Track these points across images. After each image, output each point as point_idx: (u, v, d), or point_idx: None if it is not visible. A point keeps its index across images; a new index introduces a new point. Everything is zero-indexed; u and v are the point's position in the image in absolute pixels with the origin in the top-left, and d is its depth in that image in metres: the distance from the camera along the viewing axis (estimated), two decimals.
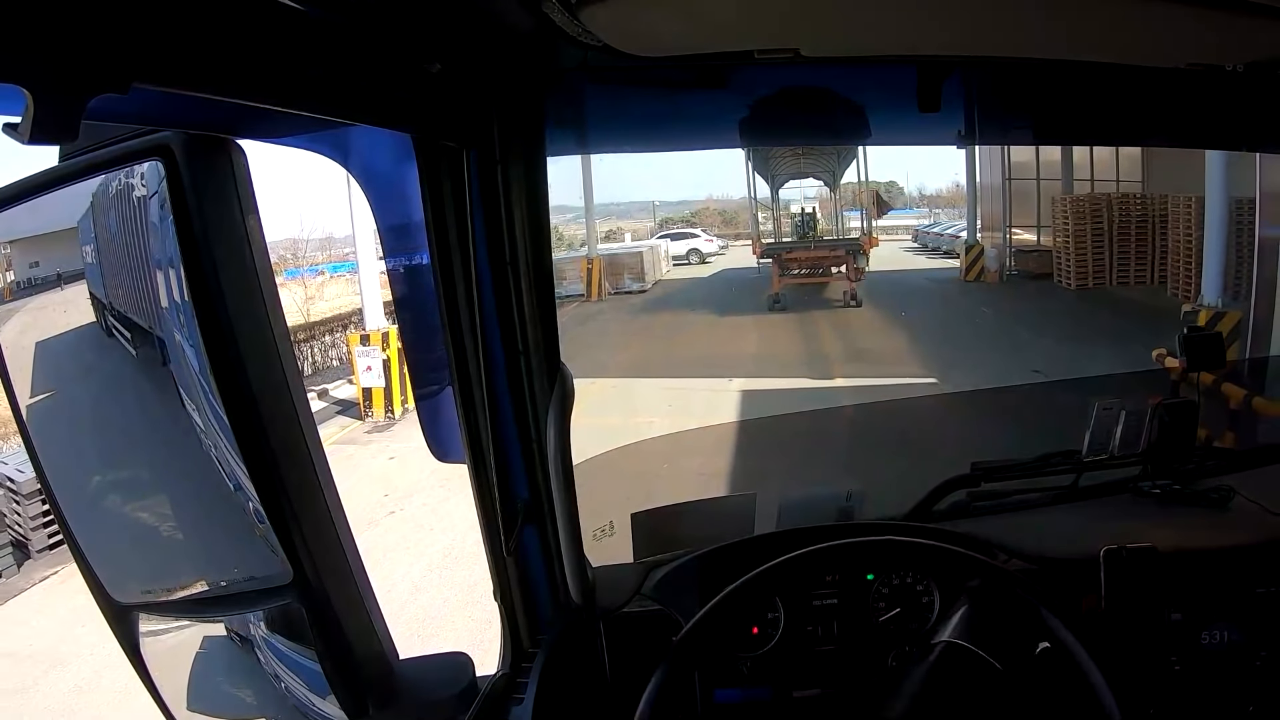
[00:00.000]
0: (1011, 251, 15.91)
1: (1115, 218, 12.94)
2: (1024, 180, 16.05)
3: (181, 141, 0.71)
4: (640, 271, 16.36)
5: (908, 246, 22.89)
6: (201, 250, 0.72)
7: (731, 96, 1.11)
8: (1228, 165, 6.99)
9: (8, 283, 0.91)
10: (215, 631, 1.00)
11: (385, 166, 0.96)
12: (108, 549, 0.93)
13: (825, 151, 15.67)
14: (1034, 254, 15.27)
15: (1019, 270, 15.30)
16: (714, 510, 1.45)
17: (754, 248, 15.26)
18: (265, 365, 0.77)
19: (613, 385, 7.83)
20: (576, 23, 0.77)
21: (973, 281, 15.26)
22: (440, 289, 0.96)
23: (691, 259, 21.95)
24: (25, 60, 0.42)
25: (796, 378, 8.22)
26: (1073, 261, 13.44)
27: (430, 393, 1.08)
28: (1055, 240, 14.51)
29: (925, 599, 1.11)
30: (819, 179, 19.64)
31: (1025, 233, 16.27)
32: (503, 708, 1.07)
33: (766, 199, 21.19)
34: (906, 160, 21.55)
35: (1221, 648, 1.15)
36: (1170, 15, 0.81)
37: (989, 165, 16.96)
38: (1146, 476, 1.40)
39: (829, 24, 0.89)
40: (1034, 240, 15.83)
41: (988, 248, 15.91)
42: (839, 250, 14.22)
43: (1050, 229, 14.93)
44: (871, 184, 17.71)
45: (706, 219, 26.49)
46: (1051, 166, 15.80)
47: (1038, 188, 15.84)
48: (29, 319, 0.90)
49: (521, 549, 1.11)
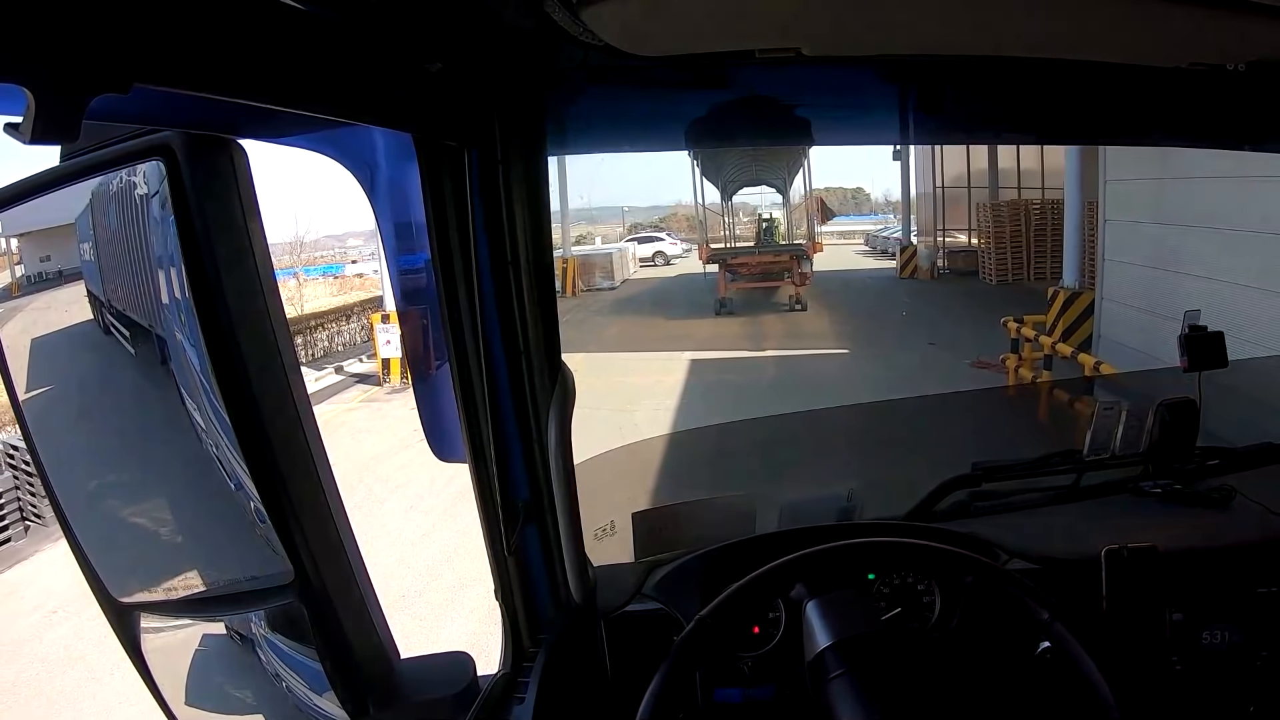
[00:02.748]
0: (945, 252, 18.29)
1: (1031, 221, 14.91)
2: (959, 189, 18.55)
3: (182, 141, 0.71)
4: (610, 271, 18.30)
5: (860, 249, 26.02)
6: (203, 250, 0.72)
7: (732, 96, 1.11)
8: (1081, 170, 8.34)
9: (16, 278, 0.91)
10: (216, 630, 1.00)
11: (386, 166, 0.96)
12: (109, 548, 0.93)
13: (778, 157, 15.99)
14: (963, 254, 17.67)
15: (950, 268, 17.63)
16: (715, 510, 1.45)
17: (700, 253, 15.57)
18: (266, 365, 0.77)
19: (590, 358, 9.79)
20: (578, 22, 0.77)
21: (907, 278, 17.38)
22: (441, 288, 0.96)
23: (657, 261, 24.22)
24: (27, 60, 0.42)
25: (737, 350, 10.44)
26: (993, 260, 15.58)
27: (431, 391, 1.08)
28: (979, 241, 16.75)
29: (926, 599, 1.11)
30: (772, 185, 20.09)
31: (961, 235, 18.53)
32: (503, 707, 1.07)
33: (737, 205, 21.83)
34: (874, 166, 22.69)
35: (1222, 648, 1.15)
36: (1173, 15, 0.81)
37: (925, 174, 19.73)
38: (1147, 476, 1.40)
39: (830, 24, 0.89)
40: (965, 241, 18.07)
41: (921, 248, 18.36)
42: (783, 256, 14.72)
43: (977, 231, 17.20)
44: (835, 189, 18.58)
45: (674, 224, 27.52)
46: (981, 175, 18.20)
47: (968, 195, 18.17)
48: (32, 318, 0.90)
49: (522, 548, 1.11)
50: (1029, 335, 7.59)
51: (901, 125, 1.38)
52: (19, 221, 0.88)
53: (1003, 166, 17.37)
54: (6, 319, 0.90)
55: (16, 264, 0.91)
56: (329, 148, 0.94)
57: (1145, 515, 1.34)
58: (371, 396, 9.76)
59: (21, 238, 0.91)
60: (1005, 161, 17.09)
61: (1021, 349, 7.73)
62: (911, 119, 1.28)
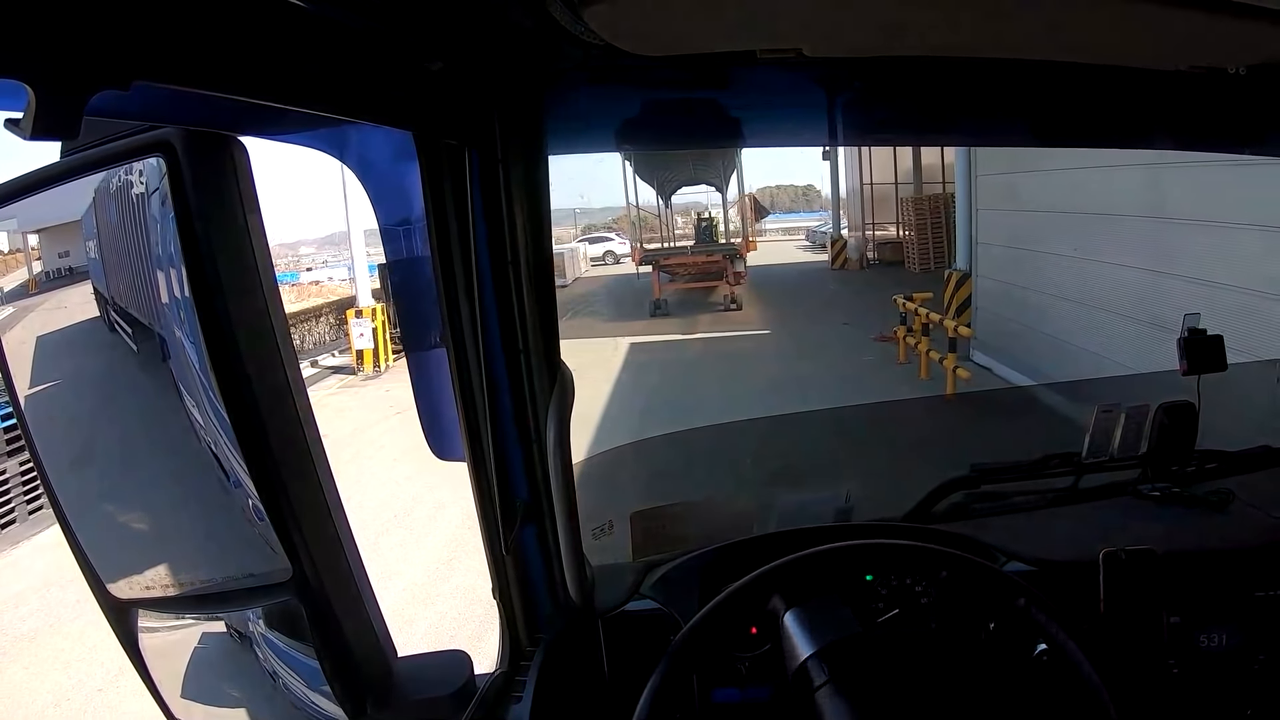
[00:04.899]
0: (875, 244, 20.07)
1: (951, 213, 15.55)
2: (888, 185, 20.25)
3: (183, 138, 0.71)
4: (563, 269, 19.32)
5: (803, 245, 28.77)
6: (202, 247, 0.72)
7: (733, 96, 1.11)
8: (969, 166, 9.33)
9: (34, 274, 0.90)
10: (214, 628, 1.00)
11: (386, 165, 0.96)
12: (107, 545, 0.93)
13: (714, 157, 16.05)
14: (890, 245, 19.22)
15: (879, 259, 19.28)
16: (713, 510, 1.45)
17: (633, 255, 15.64)
18: (266, 362, 0.77)
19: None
20: (579, 21, 0.77)
21: (838, 269, 18.98)
22: (441, 287, 0.96)
23: (607, 259, 25.76)
24: (27, 56, 0.42)
25: (670, 335, 11.92)
26: (916, 250, 17.17)
27: (430, 391, 1.07)
28: (904, 233, 18.27)
29: (924, 600, 1.11)
30: (711, 184, 20.26)
31: (891, 228, 19.98)
32: (501, 706, 1.07)
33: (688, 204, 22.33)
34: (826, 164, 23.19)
35: (1220, 651, 1.15)
36: (1172, 18, 0.81)
37: (854, 172, 21.38)
38: (1146, 479, 1.40)
39: (832, 24, 0.89)
40: (894, 234, 19.50)
41: (851, 241, 20.10)
42: (716, 256, 14.78)
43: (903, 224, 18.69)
44: (786, 186, 19.22)
45: (624, 225, 28.16)
46: (908, 172, 19.68)
47: (895, 191, 19.75)
48: (42, 319, 0.89)
49: (520, 548, 1.11)
50: (911, 309, 8.87)
51: (903, 126, 1.38)
52: (39, 217, 0.87)
53: (927, 163, 18.60)
54: (17, 320, 0.89)
55: (36, 260, 0.90)
56: (329, 145, 0.94)
57: (1143, 518, 1.34)
58: (348, 384, 10.94)
59: (41, 233, 0.90)
60: (929, 158, 18.27)
61: (911, 321, 8.85)
62: (913, 120, 1.28)
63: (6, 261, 0.94)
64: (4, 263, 0.95)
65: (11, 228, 0.89)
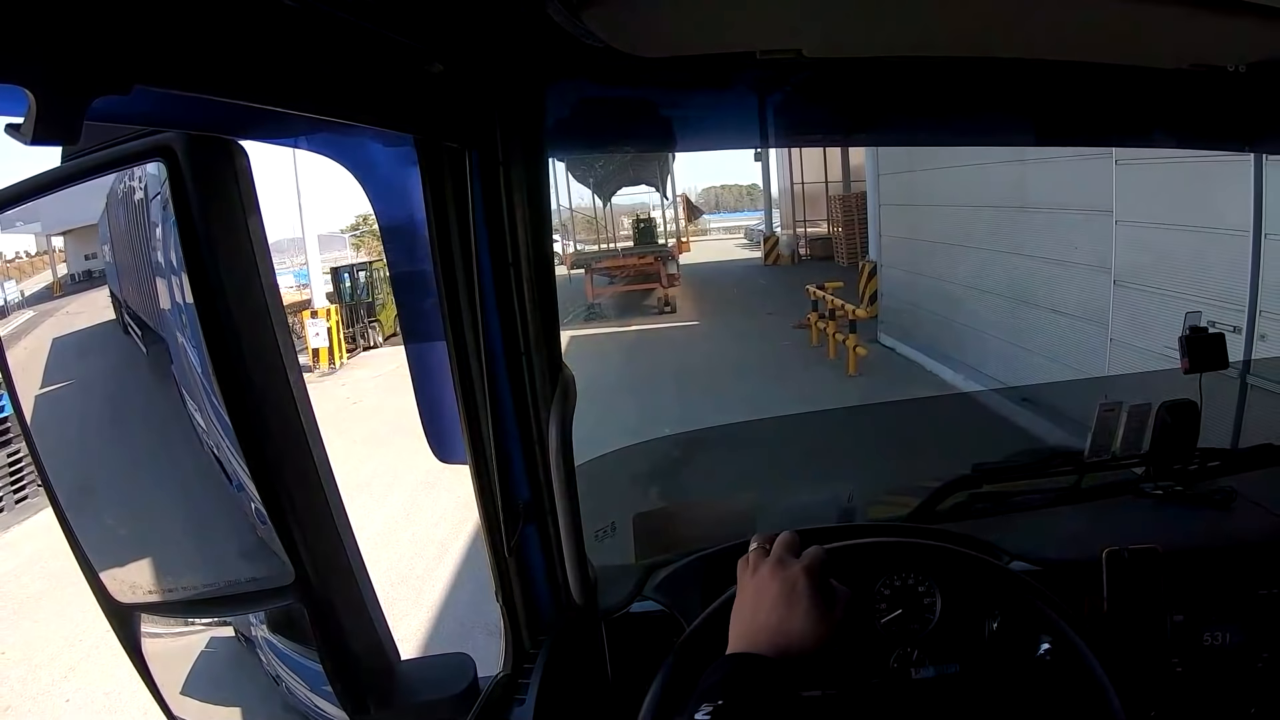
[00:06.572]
0: (807, 240, 21.19)
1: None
2: (819, 183, 21.28)
3: (184, 142, 0.71)
4: None
5: (741, 242, 29.34)
6: (204, 251, 0.72)
7: (733, 97, 1.11)
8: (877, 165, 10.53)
9: (59, 277, 0.89)
10: (216, 631, 1.00)
11: (387, 167, 0.96)
12: (109, 549, 0.93)
13: (650, 157, 16.08)
14: (821, 241, 20.36)
15: (811, 255, 20.32)
16: (716, 511, 1.45)
17: (564, 259, 15.42)
18: (267, 365, 0.77)
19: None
20: (578, 23, 0.77)
21: (771, 265, 19.78)
22: (442, 289, 0.96)
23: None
24: (27, 61, 0.42)
25: (608, 327, 12.89)
26: (844, 245, 18.22)
27: (431, 393, 1.07)
28: (834, 229, 19.38)
29: (927, 600, 1.11)
30: (650, 185, 20.25)
31: (823, 225, 21.06)
32: (504, 708, 1.06)
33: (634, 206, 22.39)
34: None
35: (1223, 649, 1.14)
36: (1173, 16, 0.81)
37: (785, 171, 22.58)
38: (1149, 478, 1.40)
39: (833, 24, 0.89)
40: (825, 230, 20.65)
41: (783, 237, 21.14)
42: (648, 258, 14.72)
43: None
44: (731, 186, 19.69)
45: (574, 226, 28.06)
46: (837, 170, 20.79)
47: (826, 189, 20.76)
48: (61, 323, 0.88)
49: (523, 549, 1.11)
50: (821, 296, 9.78)
51: (904, 126, 1.38)
52: (64, 219, 0.87)
53: (855, 163, 19.33)
54: (37, 323, 0.89)
55: (61, 263, 0.89)
56: (330, 148, 0.94)
57: (1146, 517, 1.33)
58: (309, 380, 11.95)
59: (67, 235, 0.89)
60: (856, 159, 19.06)
61: (822, 306, 9.75)
62: (914, 120, 1.28)
63: (34, 264, 0.94)
64: (31, 265, 0.95)
65: (37, 230, 0.88)
